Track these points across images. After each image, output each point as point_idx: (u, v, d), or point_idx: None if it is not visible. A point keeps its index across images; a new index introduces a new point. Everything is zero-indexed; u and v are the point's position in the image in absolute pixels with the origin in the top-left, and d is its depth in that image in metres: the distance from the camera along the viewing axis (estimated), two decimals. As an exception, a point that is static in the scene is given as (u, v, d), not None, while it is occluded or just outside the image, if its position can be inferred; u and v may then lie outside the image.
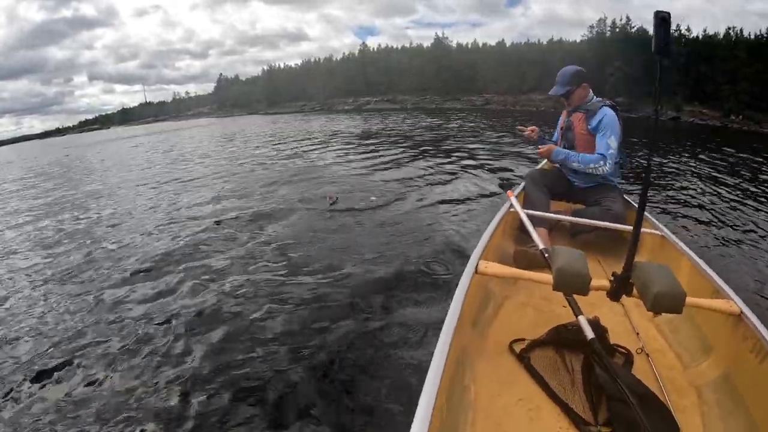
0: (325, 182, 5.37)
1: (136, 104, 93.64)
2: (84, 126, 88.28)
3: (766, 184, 6.00)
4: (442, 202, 4.21)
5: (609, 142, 2.15)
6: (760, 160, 9.71)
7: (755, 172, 7.25)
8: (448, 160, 7.07)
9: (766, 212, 4.17)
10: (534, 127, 2.64)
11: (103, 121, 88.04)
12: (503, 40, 51.58)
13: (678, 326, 1.39)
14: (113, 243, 3.60)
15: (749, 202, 4.64)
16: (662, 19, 0.89)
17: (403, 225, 3.44)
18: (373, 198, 4.31)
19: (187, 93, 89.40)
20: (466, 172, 5.87)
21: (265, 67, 69.63)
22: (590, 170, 2.20)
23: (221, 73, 78.99)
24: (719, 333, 1.25)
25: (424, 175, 5.69)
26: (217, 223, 3.79)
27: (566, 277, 1.08)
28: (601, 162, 2.17)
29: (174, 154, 11.30)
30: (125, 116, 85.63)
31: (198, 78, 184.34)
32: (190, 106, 76.14)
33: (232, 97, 66.57)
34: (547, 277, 1.15)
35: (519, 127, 2.74)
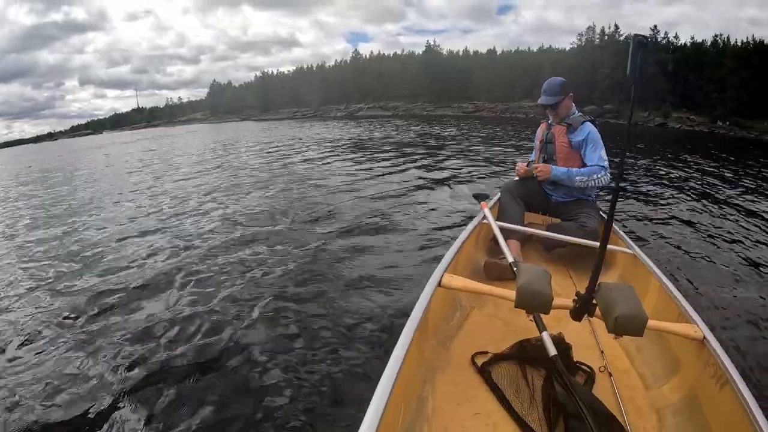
0: (308, 193, 5.30)
1: (128, 109, 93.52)
2: (75, 131, 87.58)
3: (747, 198, 5.78)
4: (421, 211, 4.18)
5: (602, 155, 2.17)
6: (745, 167, 9.71)
7: (738, 183, 7.07)
8: (432, 168, 7.06)
9: (742, 233, 4.02)
10: (520, 164, 2.52)
11: (95, 126, 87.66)
12: (494, 47, 52.40)
13: (643, 346, 1.37)
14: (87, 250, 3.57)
15: (728, 219, 4.48)
16: (640, 42, 0.91)
17: (377, 235, 3.39)
18: (342, 208, 4.29)
19: (180, 98, 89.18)
20: (447, 181, 5.84)
21: (258, 74, 70.39)
22: (593, 182, 2.18)
23: (214, 79, 79.39)
24: (683, 356, 1.24)
25: (405, 184, 5.64)
26: (197, 238, 3.71)
27: (528, 295, 1.08)
28: (602, 172, 2.17)
29: (166, 162, 11.12)
30: (117, 121, 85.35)
31: (190, 83, 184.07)
32: (183, 111, 76.32)
33: (225, 103, 66.83)
34: (510, 293, 1.14)
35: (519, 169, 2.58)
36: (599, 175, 2.17)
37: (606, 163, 2.17)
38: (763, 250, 3.49)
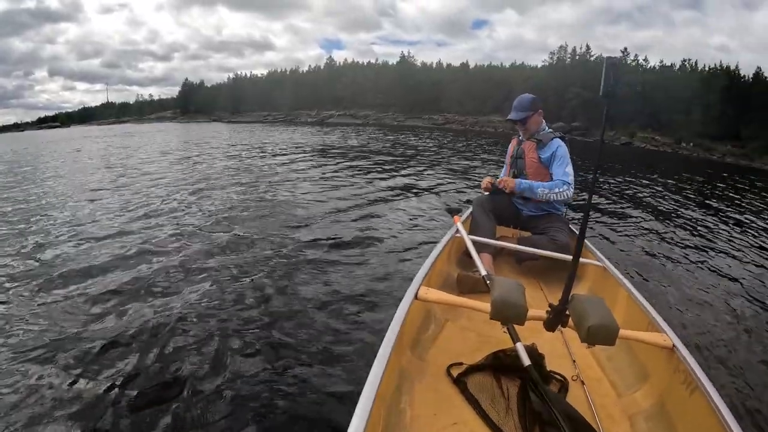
0: (279, 203, 5.02)
1: (97, 104, 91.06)
2: (43, 122, 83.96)
3: (707, 211, 6.32)
4: (390, 225, 4.05)
5: (567, 170, 2.21)
6: (707, 187, 10.56)
7: (701, 200, 7.60)
8: (404, 181, 6.92)
9: (706, 246, 4.28)
10: (486, 179, 2.51)
11: (63, 119, 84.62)
12: (467, 61, 52.72)
13: (614, 355, 1.41)
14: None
15: (693, 234, 4.75)
16: (612, 64, 0.94)
17: (347, 248, 3.29)
18: (313, 220, 4.11)
19: (150, 96, 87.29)
20: (419, 194, 5.73)
21: (231, 75, 69.31)
22: (554, 196, 2.20)
23: (187, 78, 78.09)
24: (653, 364, 1.28)
25: (374, 196, 5.47)
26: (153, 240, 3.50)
27: (503, 307, 1.09)
28: (565, 187, 2.20)
29: (133, 159, 10.52)
30: (86, 115, 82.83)
31: (161, 81, 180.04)
32: (153, 109, 74.29)
33: (196, 103, 65.26)
34: (486, 305, 1.16)
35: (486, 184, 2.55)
36: (561, 190, 2.20)
37: (570, 179, 2.20)
38: (726, 260, 3.75)
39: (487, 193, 2.48)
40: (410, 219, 4.30)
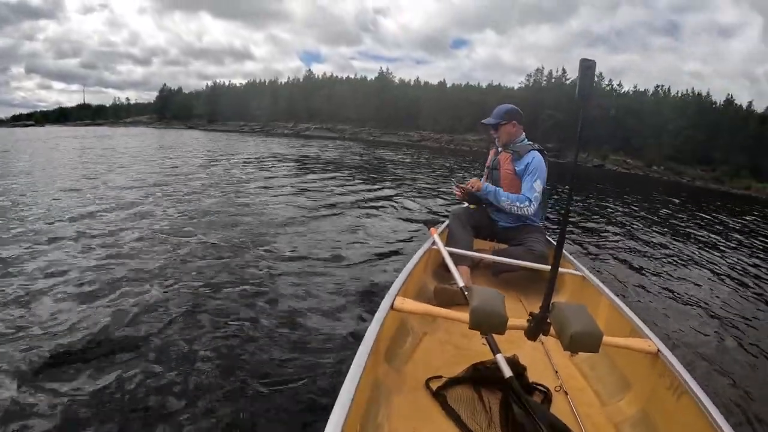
0: (253, 214, 4.76)
1: (73, 104, 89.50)
2: (17, 120, 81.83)
3: (678, 228, 6.74)
4: (365, 237, 3.97)
5: (534, 186, 2.19)
6: (676, 206, 11.16)
7: (671, 217, 8.07)
8: (375, 194, 6.84)
9: (680, 254, 4.52)
10: (456, 187, 2.52)
11: (39, 118, 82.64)
12: (444, 80, 53.31)
13: (597, 364, 1.40)
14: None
15: (666, 247, 4.94)
16: (587, 67, 0.94)
17: (321, 259, 3.19)
18: (287, 231, 3.95)
19: (127, 99, 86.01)
20: (392, 207, 5.67)
21: (209, 83, 68.80)
22: (515, 209, 2.22)
23: (165, 84, 76.84)
24: (637, 371, 1.28)
25: (348, 208, 5.37)
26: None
27: (482, 316, 1.07)
28: (527, 203, 2.20)
29: (107, 162, 9.97)
30: (62, 116, 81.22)
31: (138, 85, 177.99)
32: (129, 113, 73.19)
33: (173, 109, 64.28)
34: (464, 315, 1.14)
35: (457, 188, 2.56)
36: (522, 205, 2.20)
37: (534, 195, 2.19)
38: (703, 273, 3.91)
39: (464, 206, 2.50)
40: (386, 231, 4.25)
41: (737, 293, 3.40)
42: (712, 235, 6.41)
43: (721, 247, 5.49)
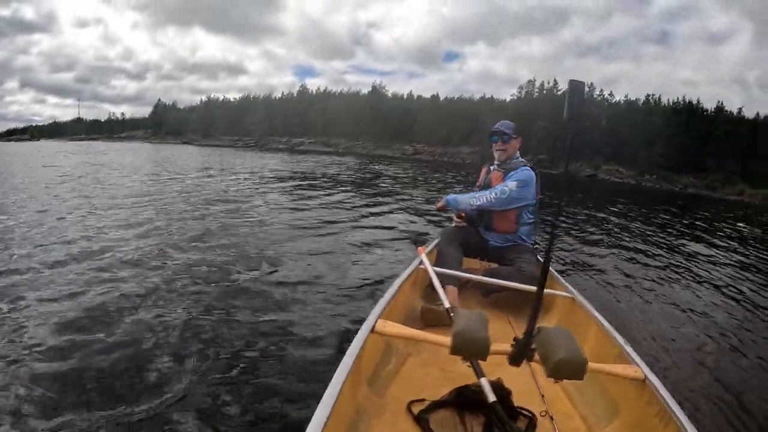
0: (233, 227, 4.80)
1: (67, 119, 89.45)
2: (11, 134, 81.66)
3: (671, 240, 6.58)
4: (355, 257, 3.89)
5: (508, 183, 2.20)
6: (672, 216, 11.01)
7: (664, 228, 7.93)
8: (370, 210, 6.77)
9: (674, 269, 4.43)
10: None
11: (34, 132, 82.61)
12: (437, 93, 53.86)
13: (584, 389, 1.37)
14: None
15: (661, 263, 4.79)
16: (576, 87, 0.95)
17: (306, 278, 3.14)
18: (272, 252, 3.85)
19: (122, 114, 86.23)
20: (383, 225, 5.58)
21: (204, 98, 69.55)
22: (476, 200, 2.25)
23: (159, 98, 77.21)
24: (625, 397, 1.26)
25: (338, 226, 5.28)
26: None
27: (464, 341, 1.05)
28: (488, 193, 2.23)
29: (103, 178, 9.91)
30: (57, 130, 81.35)
31: (133, 100, 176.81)
32: (124, 128, 73.39)
33: (168, 124, 64.57)
34: (446, 339, 1.11)
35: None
36: (484, 194, 2.24)
37: (501, 188, 2.20)
38: (697, 290, 3.78)
39: (454, 224, 2.49)
40: (376, 251, 4.16)
41: (731, 312, 3.33)
42: (706, 247, 6.32)
43: (716, 260, 5.39)
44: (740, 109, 45.77)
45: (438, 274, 1.89)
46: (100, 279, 2.87)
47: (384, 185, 11.66)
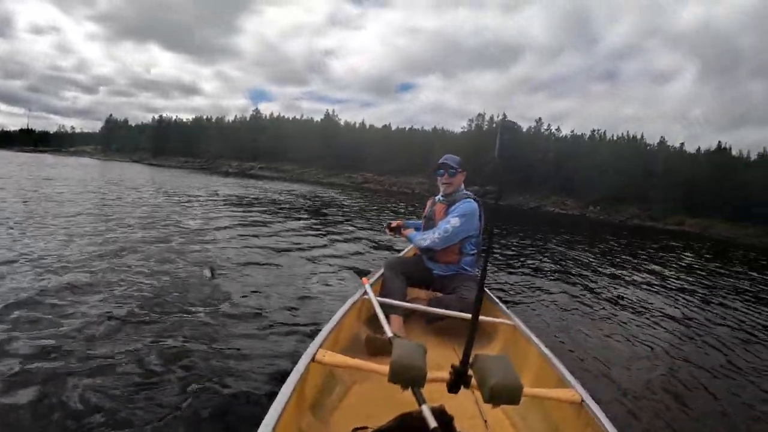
0: (175, 251, 4.58)
1: (15, 128, 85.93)
2: (-45, 141, 77.91)
3: (612, 268, 6.84)
4: (298, 284, 3.79)
5: (450, 221, 2.26)
6: (612, 245, 11.52)
7: (605, 256, 8.28)
8: (313, 239, 6.57)
9: (614, 301, 4.48)
10: (398, 221, 2.74)
11: (-21, 141, 78.70)
12: (389, 123, 54.80)
13: (526, 414, 1.42)
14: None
15: (601, 289, 4.94)
16: (507, 128, 0.98)
17: (248, 307, 3.01)
18: (207, 274, 3.72)
19: (72, 128, 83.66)
20: (329, 254, 5.45)
21: (156, 116, 67.69)
22: (420, 241, 2.35)
23: (111, 114, 75.39)
24: (565, 420, 1.30)
25: (282, 253, 5.11)
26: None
27: (401, 370, 1.07)
28: (430, 234, 2.31)
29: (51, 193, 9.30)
30: (4, 140, 77.65)
31: (84, 113, 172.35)
32: (73, 142, 71.05)
33: (118, 141, 62.87)
34: (385, 368, 1.13)
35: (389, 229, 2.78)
36: (425, 236, 2.33)
37: (444, 227, 2.26)
38: (635, 314, 3.96)
39: (398, 255, 2.59)
40: (319, 280, 4.07)
41: (667, 335, 3.48)
42: (644, 274, 6.61)
43: (652, 285, 5.68)
44: (682, 144, 48.78)
45: (382, 304, 1.94)
46: (29, 301, 2.66)
47: (333, 214, 11.50)
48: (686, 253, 12.01)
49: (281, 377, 1.94)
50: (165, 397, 1.79)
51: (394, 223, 2.73)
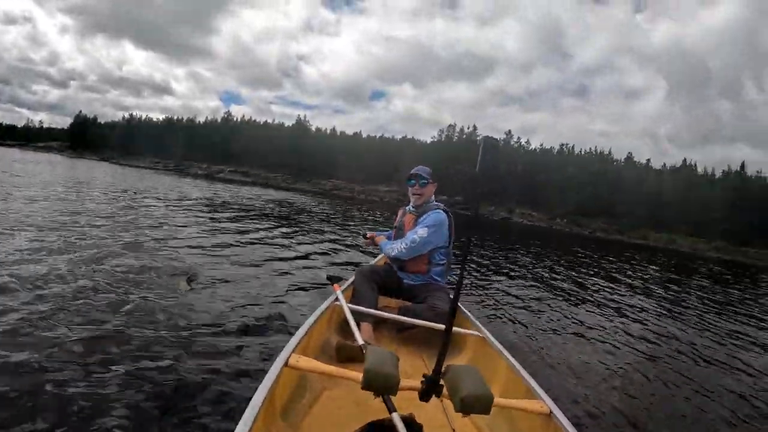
0: (143, 254, 4.42)
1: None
2: None
3: (579, 280, 6.94)
4: (268, 292, 3.69)
5: (418, 231, 2.28)
6: (578, 257, 11.71)
7: (575, 270, 8.33)
8: (284, 244, 6.55)
9: (582, 312, 4.55)
10: (371, 234, 2.81)
11: (-57, 133, 75.90)
12: (360, 131, 55.27)
13: (495, 424, 1.42)
14: None
15: (569, 301, 5.02)
16: (490, 144, 1.00)
17: (218, 313, 2.97)
18: (185, 285, 3.60)
19: (40, 122, 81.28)
20: (299, 259, 5.42)
21: (126, 115, 66.85)
22: (389, 251, 2.39)
23: (81, 110, 73.62)
24: (534, 431, 1.31)
25: (252, 258, 5.02)
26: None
27: (374, 377, 1.07)
28: (398, 244, 2.35)
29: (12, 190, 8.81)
30: (-30, 132, 75.02)
31: (53, 108, 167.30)
32: (41, 137, 69.16)
33: (87, 139, 61.50)
34: (358, 375, 1.13)
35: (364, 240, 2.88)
36: (393, 245, 2.38)
37: (412, 238, 2.29)
38: (603, 325, 4.06)
39: (370, 263, 2.60)
40: (290, 285, 4.04)
41: (636, 345, 3.55)
42: (610, 285, 6.81)
43: (620, 296, 5.88)
44: (648, 160, 50.39)
45: (353, 311, 1.97)
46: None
47: (302, 220, 11.40)
48: (652, 267, 12.44)
49: (252, 382, 2.05)
50: (136, 410, 1.73)
51: (369, 234, 2.81)
